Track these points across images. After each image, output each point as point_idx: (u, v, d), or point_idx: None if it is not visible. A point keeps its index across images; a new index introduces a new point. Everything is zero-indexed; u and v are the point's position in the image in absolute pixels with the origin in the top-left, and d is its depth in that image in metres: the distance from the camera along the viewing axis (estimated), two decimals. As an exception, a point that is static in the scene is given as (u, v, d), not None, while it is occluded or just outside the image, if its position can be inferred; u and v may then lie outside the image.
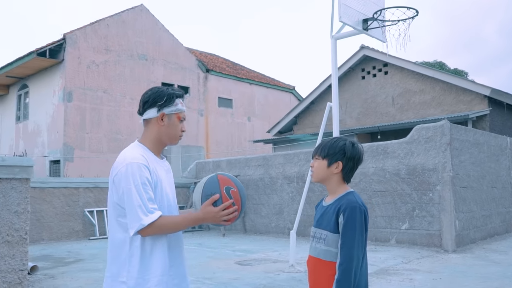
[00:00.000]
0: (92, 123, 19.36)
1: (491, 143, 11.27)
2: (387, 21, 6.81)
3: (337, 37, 7.12)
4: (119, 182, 2.22)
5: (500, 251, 9.09)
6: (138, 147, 2.38)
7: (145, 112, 2.38)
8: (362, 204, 2.19)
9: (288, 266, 7.53)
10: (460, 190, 9.63)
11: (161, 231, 2.22)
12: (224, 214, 2.21)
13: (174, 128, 2.41)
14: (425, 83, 16.18)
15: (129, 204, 2.18)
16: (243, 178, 13.45)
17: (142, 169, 2.23)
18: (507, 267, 7.56)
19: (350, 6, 6.68)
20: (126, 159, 2.25)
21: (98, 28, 20.13)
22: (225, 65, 27.09)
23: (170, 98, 2.37)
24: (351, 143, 2.29)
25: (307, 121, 19.61)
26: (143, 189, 2.20)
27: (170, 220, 2.24)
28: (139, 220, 2.15)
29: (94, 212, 12.48)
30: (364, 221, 2.17)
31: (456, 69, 31.93)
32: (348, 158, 2.25)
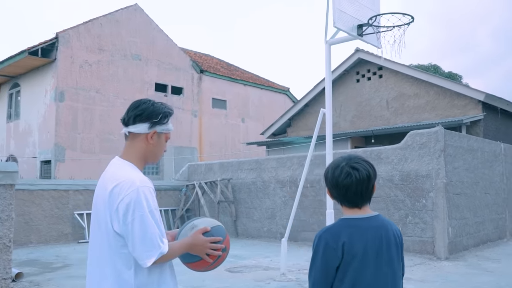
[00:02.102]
0: (84, 123, 19.17)
1: (485, 149, 11.21)
2: (382, 27, 6.71)
3: (331, 43, 7.01)
4: (127, 208, 2.00)
5: (493, 259, 9.02)
6: (133, 166, 2.19)
7: (135, 125, 2.21)
8: (326, 235, 1.97)
9: (279, 274, 7.41)
10: (453, 197, 9.55)
11: (166, 259, 2.09)
12: (211, 247, 2.17)
13: (160, 148, 2.29)
14: (419, 87, 16.12)
15: (143, 232, 1.99)
16: (236, 181, 13.33)
17: (152, 194, 2.11)
18: (500, 276, 7.48)
19: (345, 11, 6.57)
20: (134, 183, 2.04)
21: (92, 27, 19.94)
22: (220, 65, 26.96)
23: (164, 117, 2.24)
24: (332, 168, 2.07)
25: (301, 123, 19.51)
26: (156, 215, 2.08)
27: (173, 247, 2.12)
28: (159, 248, 2.01)
29: (84, 215, 12.33)
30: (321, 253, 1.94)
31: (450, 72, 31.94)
32: (329, 184, 2.09)
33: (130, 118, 2.23)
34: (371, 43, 6.98)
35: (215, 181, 13.50)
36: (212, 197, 13.21)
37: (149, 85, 21.65)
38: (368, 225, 2.01)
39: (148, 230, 1.99)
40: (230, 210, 13.20)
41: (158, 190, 13.55)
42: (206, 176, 14.25)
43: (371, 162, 2.07)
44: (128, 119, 2.24)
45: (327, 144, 7.09)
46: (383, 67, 16.85)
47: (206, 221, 2.29)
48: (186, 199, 14.22)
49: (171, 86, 22.62)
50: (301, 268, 8.12)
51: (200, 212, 14.01)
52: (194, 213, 14.28)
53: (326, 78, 7.07)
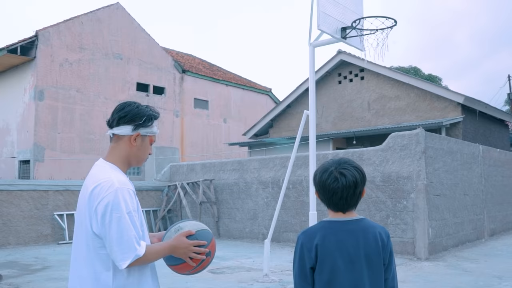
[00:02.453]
0: (64, 123, 18.93)
1: (464, 151, 11.39)
2: (366, 30, 6.77)
3: (315, 45, 7.05)
4: (105, 209, 2.00)
5: (471, 259, 9.17)
6: (114, 168, 2.19)
7: (119, 127, 2.21)
8: (304, 236, 2.03)
9: (262, 275, 7.43)
10: (433, 198, 9.68)
11: (144, 262, 2.08)
12: (195, 250, 2.16)
13: (144, 151, 2.28)
14: (400, 89, 16.31)
15: (119, 234, 1.98)
16: (218, 182, 13.31)
17: (132, 195, 2.10)
18: (478, 276, 7.61)
19: (329, 14, 6.61)
20: (113, 184, 2.05)
21: (72, 25, 19.71)
22: (202, 66, 26.89)
23: (149, 119, 2.23)
24: (320, 172, 2.08)
25: (283, 124, 19.56)
26: (135, 217, 2.07)
27: (153, 250, 2.11)
28: (135, 251, 2.00)
29: (64, 216, 12.17)
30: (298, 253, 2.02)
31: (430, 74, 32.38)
32: (315, 186, 2.12)
33: (115, 120, 2.23)
34: (355, 46, 7.04)
35: (197, 181, 13.46)
36: (194, 197, 13.16)
37: (131, 85, 21.49)
38: (345, 228, 2.02)
39: (125, 232, 1.99)
40: (212, 211, 13.18)
41: (139, 191, 13.47)
42: (188, 176, 14.19)
43: (361, 167, 2.08)
44: (113, 121, 2.24)
45: (311, 146, 7.12)
46: (365, 69, 17.01)
47: (191, 224, 2.27)
48: (168, 200, 14.14)
49: (152, 86, 22.48)
50: (284, 269, 8.15)
51: (182, 213, 13.95)
52: (176, 214, 14.21)
53: (310, 80, 7.11)
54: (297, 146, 7.76)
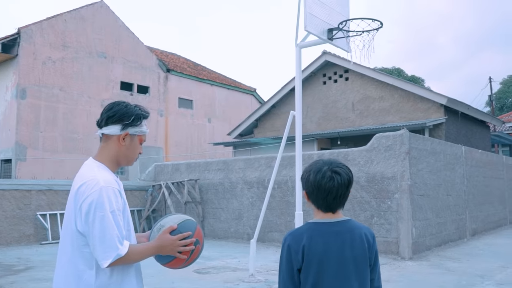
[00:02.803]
0: (46, 122, 18.71)
1: (447, 151, 11.54)
2: (352, 32, 6.82)
3: (301, 46, 7.08)
4: (89, 208, 2.01)
5: (454, 259, 9.30)
6: (101, 166, 2.19)
7: (107, 127, 2.21)
8: (289, 238, 2.04)
9: (248, 275, 7.43)
10: (417, 198, 9.79)
11: (127, 262, 2.08)
12: (181, 243, 2.16)
13: (134, 150, 2.27)
14: (384, 90, 16.45)
15: (102, 233, 1.99)
16: (203, 182, 13.28)
17: (116, 194, 2.09)
18: (461, 276, 7.72)
19: (316, 15, 6.65)
20: (98, 183, 2.05)
21: (55, 23, 19.49)
22: (186, 65, 26.80)
23: (137, 119, 2.23)
24: (312, 171, 2.07)
25: (268, 124, 19.60)
26: (119, 216, 2.06)
27: (137, 250, 2.11)
28: (116, 250, 1.99)
29: (47, 216, 12.03)
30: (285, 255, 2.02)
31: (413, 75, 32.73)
32: (307, 187, 2.09)
33: (103, 119, 2.23)
34: (341, 47, 7.09)
35: (182, 181, 13.41)
36: (179, 197, 13.12)
37: (115, 84, 21.32)
38: (331, 230, 2.03)
39: (107, 231, 1.99)
40: (197, 210, 13.14)
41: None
42: (173, 176, 14.14)
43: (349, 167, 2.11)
44: (101, 120, 2.24)
45: (297, 146, 7.15)
46: (350, 70, 17.12)
47: (172, 218, 2.26)
48: (152, 200, 14.07)
49: (137, 85, 22.35)
50: (270, 269, 8.17)
51: (166, 212, 13.89)
52: (161, 213, 14.14)
53: (296, 81, 7.13)
54: (284, 146, 7.78)
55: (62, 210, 12.36)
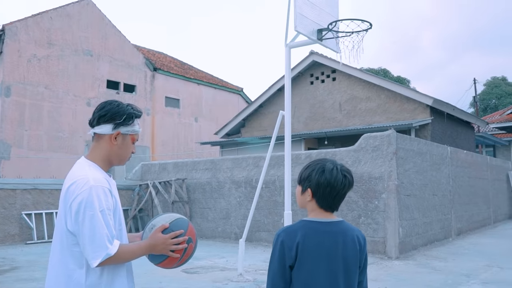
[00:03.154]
0: (31, 120, 18.50)
1: (433, 152, 11.66)
2: (341, 32, 6.86)
3: (291, 46, 7.09)
4: (78, 207, 2.01)
5: (440, 258, 9.40)
6: (93, 166, 2.18)
7: (99, 126, 2.20)
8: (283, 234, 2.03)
9: (237, 275, 7.43)
10: (404, 198, 9.88)
11: (117, 261, 2.06)
12: (173, 242, 2.14)
13: (126, 149, 2.26)
14: (371, 90, 16.55)
15: (92, 232, 1.98)
16: (190, 181, 13.25)
17: (106, 193, 2.08)
18: (447, 275, 7.81)
19: (306, 16, 6.67)
20: (88, 182, 2.05)
21: (41, 20, 19.28)
22: (173, 64, 26.69)
23: (129, 118, 2.22)
24: (321, 168, 2.07)
25: (255, 124, 19.60)
26: (108, 215, 2.05)
27: (127, 250, 2.10)
28: (106, 249, 1.98)
29: (32, 215, 11.89)
30: (278, 251, 2.01)
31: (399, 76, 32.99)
32: (316, 185, 2.07)
33: (95, 119, 2.23)
34: (331, 48, 7.12)
35: (169, 181, 13.36)
36: (166, 197, 13.06)
37: (101, 82, 21.16)
38: (325, 229, 2.04)
39: (97, 230, 1.98)
40: (185, 210, 13.10)
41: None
42: (160, 175, 14.07)
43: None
44: (93, 120, 2.24)
45: (286, 146, 7.17)
46: (337, 70, 17.19)
47: (164, 217, 2.25)
48: (139, 199, 14.00)
49: (123, 84, 22.20)
50: (258, 269, 8.18)
51: (153, 212, 13.82)
52: (148, 213, 14.07)
53: (286, 81, 7.14)
54: (273, 146, 7.79)
55: (47, 209, 12.23)
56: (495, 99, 47.17)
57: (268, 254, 10.01)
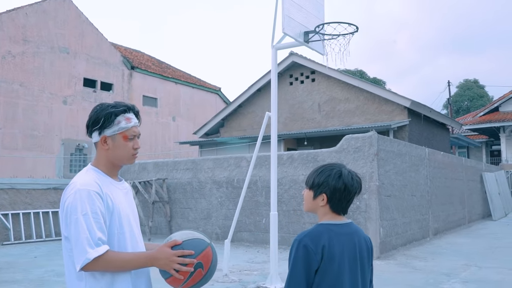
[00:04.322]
0: (6, 118, 18.11)
1: (412, 153, 11.86)
2: (328, 35, 6.93)
3: (277, 47, 7.13)
4: (66, 211, 2.02)
5: (420, 258, 9.58)
6: (90, 170, 2.18)
7: (91, 135, 2.21)
8: (307, 239, 2.01)
9: (222, 275, 7.44)
10: (384, 199, 10.03)
11: (107, 268, 2.00)
12: (177, 261, 1.99)
13: (122, 149, 2.19)
14: (350, 92, 16.73)
15: (75, 236, 1.96)
16: (171, 181, 13.17)
17: (92, 197, 2.03)
18: (428, 274, 7.97)
19: (293, 18, 6.71)
20: (75, 186, 2.05)
21: (16, 16, 18.88)
22: (151, 62, 26.47)
23: (107, 119, 2.15)
24: (338, 173, 2.10)
25: (234, 124, 19.60)
26: (93, 218, 1.99)
27: (119, 257, 2.03)
28: (85, 254, 1.94)
29: (9, 215, 11.65)
30: (302, 257, 1.97)
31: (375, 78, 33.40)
32: (333, 190, 2.09)
33: (86, 130, 2.24)
34: (317, 50, 7.18)
35: (150, 180, 13.25)
36: (147, 197, 12.96)
37: (77, 80, 20.85)
38: (344, 231, 2.09)
39: (78, 234, 1.96)
40: (165, 210, 13.03)
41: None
42: (139, 175, 13.95)
43: None
44: (86, 131, 2.25)
45: (272, 147, 7.21)
46: (316, 71, 17.33)
47: (182, 233, 2.12)
48: (118, 199, 13.83)
49: (100, 82, 21.92)
50: (242, 269, 8.19)
51: (132, 212, 13.68)
52: (127, 213, 13.92)
53: (272, 82, 7.18)
54: (259, 146, 7.82)
55: (25, 209, 12.01)
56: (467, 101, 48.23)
57: (250, 255, 10.03)
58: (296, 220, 10.73)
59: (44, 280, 7.39)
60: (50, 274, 7.83)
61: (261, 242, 11.24)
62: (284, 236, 10.64)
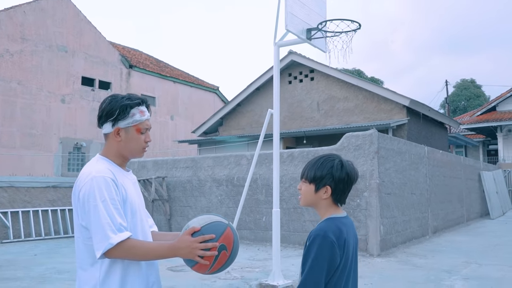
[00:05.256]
0: (3, 117, 18.06)
1: (412, 151, 11.89)
2: (330, 32, 6.94)
3: (280, 44, 7.15)
4: (83, 199, 2.01)
5: (420, 255, 9.60)
6: (101, 160, 2.18)
7: (102, 126, 2.19)
8: (330, 234, 1.95)
9: (224, 272, 7.44)
10: (385, 197, 10.05)
11: (130, 255, 2.00)
12: (200, 247, 1.95)
13: (135, 142, 2.19)
14: (349, 90, 16.75)
15: (95, 222, 1.96)
16: (170, 179, 13.16)
17: (109, 183, 2.03)
18: (429, 271, 7.99)
19: (296, 15, 6.72)
20: (90, 174, 2.05)
21: (14, 14, 18.83)
22: (149, 61, 26.44)
23: (123, 111, 2.14)
24: (339, 164, 2.08)
25: (233, 122, 19.59)
26: (112, 204, 2.00)
27: (142, 245, 2.03)
28: (107, 239, 1.93)
29: (8, 213, 11.61)
30: (327, 253, 1.92)
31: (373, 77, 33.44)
32: (337, 181, 2.06)
33: (98, 121, 2.22)
34: (319, 47, 7.19)
35: (149, 179, 13.23)
36: (146, 195, 12.93)
37: (76, 78, 20.80)
38: (349, 223, 2.10)
39: (99, 220, 1.96)
40: (165, 208, 13.01)
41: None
42: (139, 173, 13.92)
43: None
44: (97, 122, 2.23)
45: (274, 144, 7.23)
46: (315, 70, 17.34)
47: (199, 219, 2.08)
48: (117, 197, 13.80)
49: (98, 80, 21.89)
50: (244, 266, 8.20)
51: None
52: (126, 211, 13.90)
53: (274, 79, 7.20)
54: (261, 143, 7.82)
55: (24, 207, 11.97)
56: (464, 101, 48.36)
57: (251, 252, 10.04)
58: (297, 218, 10.74)
59: (45, 277, 7.38)
60: (51, 272, 7.82)
61: (261, 240, 11.25)
62: (284, 234, 10.64)
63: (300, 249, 10.27)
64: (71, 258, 9.23)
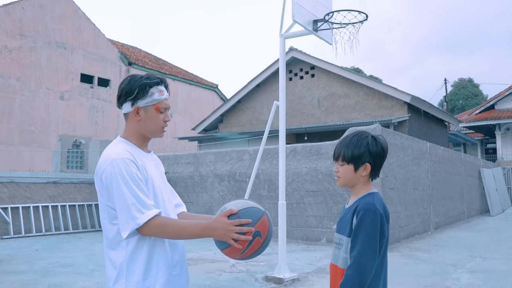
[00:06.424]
0: (2, 113, 17.96)
1: (414, 147, 11.86)
2: (337, 24, 6.89)
3: (286, 36, 7.09)
4: (106, 183, 2.01)
5: (423, 250, 9.58)
6: (121, 142, 2.17)
7: (122, 106, 2.19)
8: (379, 208, 2.01)
9: (229, 266, 7.40)
10: (388, 192, 10.02)
11: (162, 233, 1.99)
12: (236, 230, 1.92)
13: (154, 121, 2.18)
14: (349, 87, 16.72)
15: (120, 204, 1.96)
16: (172, 175, 13.10)
17: (129, 165, 2.02)
18: (434, 264, 7.96)
19: (303, 6, 6.68)
20: (110, 156, 2.05)
21: (12, 10, 18.72)
22: (148, 59, 26.36)
23: (142, 90, 2.13)
24: (373, 139, 2.11)
25: (233, 119, 19.54)
26: (134, 185, 1.99)
27: (175, 223, 2.03)
28: (134, 219, 1.93)
29: (9, 209, 11.52)
30: (379, 226, 1.97)
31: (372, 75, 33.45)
32: (375, 156, 2.09)
33: (117, 101, 2.22)
34: (325, 39, 7.14)
35: (150, 175, 13.17)
36: (147, 191, 12.88)
37: (75, 75, 20.71)
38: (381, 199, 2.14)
39: (124, 201, 1.96)
40: (166, 204, 12.95)
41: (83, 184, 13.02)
42: (139, 170, 13.87)
43: None
44: (117, 102, 2.23)
45: (280, 138, 7.19)
46: (315, 66, 17.31)
47: (237, 202, 2.06)
48: (118, 194, 13.74)
49: (97, 78, 21.80)
50: (248, 260, 8.15)
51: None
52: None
53: (280, 72, 7.15)
54: (266, 137, 7.78)
55: (24, 203, 11.89)
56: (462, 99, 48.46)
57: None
58: (299, 213, 10.70)
59: (48, 270, 7.32)
60: (54, 265, 7.75)
61: (264, 236, 11.19)
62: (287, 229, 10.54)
63: (303, 244, 10.23)
64: (74, 253, 9.16)
